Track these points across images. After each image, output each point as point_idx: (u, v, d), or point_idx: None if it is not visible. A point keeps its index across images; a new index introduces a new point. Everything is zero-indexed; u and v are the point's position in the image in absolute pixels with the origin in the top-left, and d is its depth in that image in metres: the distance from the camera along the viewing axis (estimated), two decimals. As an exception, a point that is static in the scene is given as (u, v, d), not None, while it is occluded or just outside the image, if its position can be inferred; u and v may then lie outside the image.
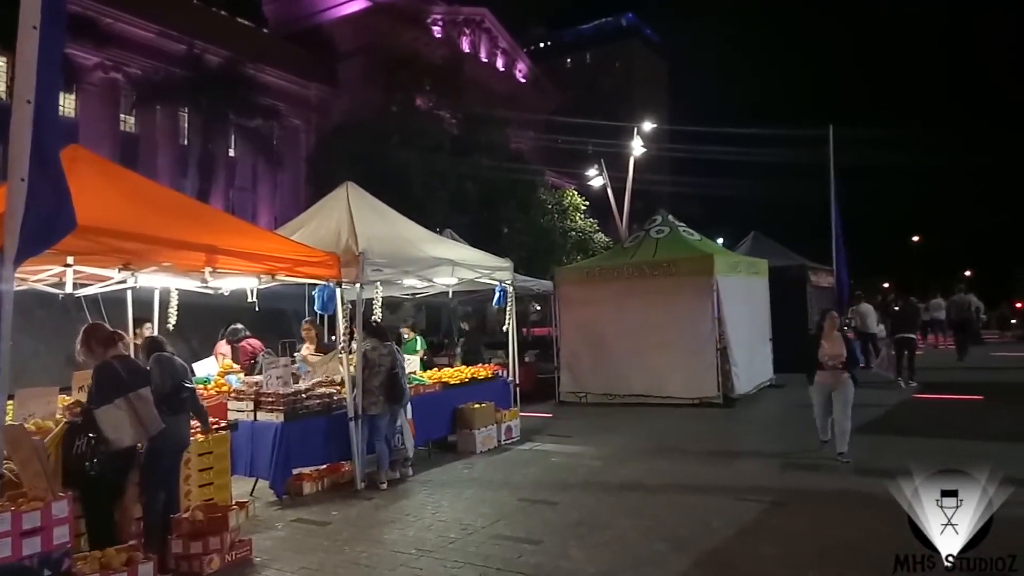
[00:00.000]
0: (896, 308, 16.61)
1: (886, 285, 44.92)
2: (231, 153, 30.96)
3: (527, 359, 14.11)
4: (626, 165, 26.41)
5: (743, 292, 13.06)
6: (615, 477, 7.48)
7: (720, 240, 20.93)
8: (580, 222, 25.21)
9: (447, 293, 10.89)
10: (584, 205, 25.79)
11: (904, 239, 63.57)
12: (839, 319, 8.02)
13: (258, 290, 7.43)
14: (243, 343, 8.89)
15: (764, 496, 6.40)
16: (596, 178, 27.92)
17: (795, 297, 15.90)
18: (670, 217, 14.37)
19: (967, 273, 64.51)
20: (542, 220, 23.75)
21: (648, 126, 28.26)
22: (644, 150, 26.85)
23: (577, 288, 13.43)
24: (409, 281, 9.14)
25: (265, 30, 38.49)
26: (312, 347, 9.07)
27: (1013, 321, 29.04)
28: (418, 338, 11.59)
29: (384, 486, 7.21)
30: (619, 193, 26.57)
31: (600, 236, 26.01)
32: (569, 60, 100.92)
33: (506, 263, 10.17)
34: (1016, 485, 5.51)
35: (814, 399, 7.82)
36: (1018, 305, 32.63)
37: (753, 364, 13.07)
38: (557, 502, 6.49)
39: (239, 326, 8.98)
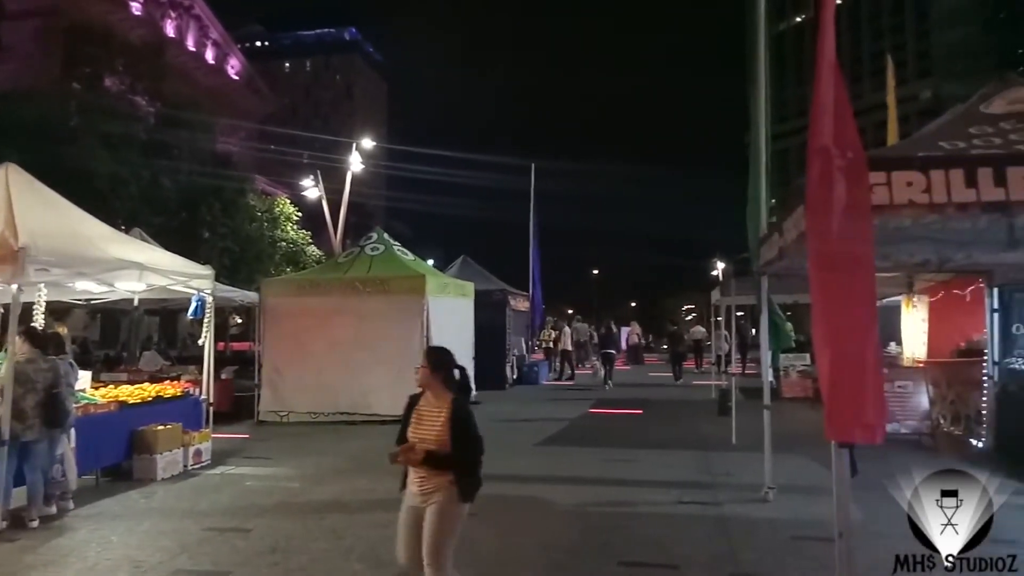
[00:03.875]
0: (603, 331, 20.60)
1: (571, 311, 50.45)
2: None
3: (224, 376, 13.13)
4: (342, 178, 26.14)
5: (451, 312, 13.72)
6: (313, 498, 7.27)
7: (431, 262, 21.64)
8: (292, 233, 24.29)
9: (132, 300, 9.73)
10: (297, 215, 24.91)
11: (585, 270, 72.39)
12: (436, 357, 4.11)
13: None
14: None
15: (460, 508, 6.71)
16: (311, 189, 27.20)
17: (496, 319, 17.38)
18: (386, 235, 14.65)
19: (632, 304, 75.52)
20: (249, 227, 22.27)
21: (368, 143, 28.31)
22: (363, 166, 26.85)
23: (285, 301, 12.94)
24: (84, 284, 7.99)
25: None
26: None
27: (664, 345, 34.58)
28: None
29: (35, 524, 6.12)
30: (334, 206, 26.17)
31: (313, 249, 25.31)
32: (288, 65, 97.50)
33: (206, 270, 9.39)
34: (664, 485, 6.49)
35: (399, 526, 4.05)
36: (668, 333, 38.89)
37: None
38: (250, 529, 6.10)
39: None
